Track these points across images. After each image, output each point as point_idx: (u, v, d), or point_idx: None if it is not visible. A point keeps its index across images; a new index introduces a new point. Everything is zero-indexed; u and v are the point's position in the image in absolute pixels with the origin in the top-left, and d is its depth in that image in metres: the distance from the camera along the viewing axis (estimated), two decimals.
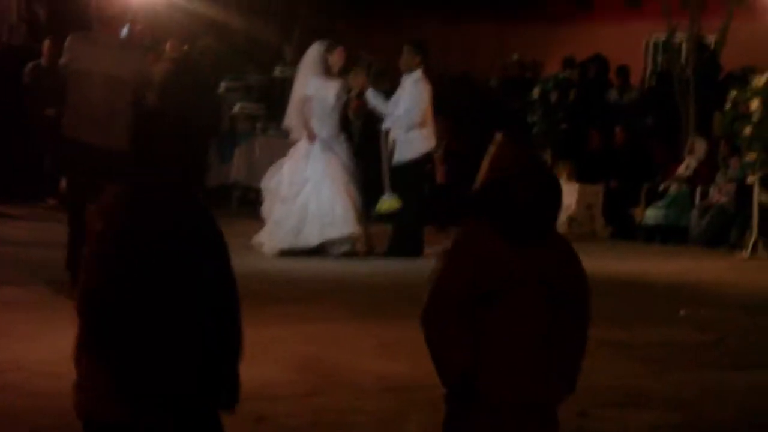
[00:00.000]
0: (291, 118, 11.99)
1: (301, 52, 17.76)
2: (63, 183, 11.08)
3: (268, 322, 7.65)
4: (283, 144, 16.22)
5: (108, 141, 8.21)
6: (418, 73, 12.05)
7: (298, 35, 18.61)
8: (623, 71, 17.28)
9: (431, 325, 3.74)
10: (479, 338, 3.73)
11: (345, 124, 12.55)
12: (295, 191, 11.34)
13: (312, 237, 11.29)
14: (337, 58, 11.81)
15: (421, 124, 11.94)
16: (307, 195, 11.32)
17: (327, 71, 11.69)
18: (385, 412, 6.04)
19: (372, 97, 12.35)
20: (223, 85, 17.27)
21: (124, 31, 11.04)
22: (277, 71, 18.16)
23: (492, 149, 3.82)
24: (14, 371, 6.40)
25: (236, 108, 17.15)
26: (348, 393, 6.34)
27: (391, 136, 12.01)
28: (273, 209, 11.50)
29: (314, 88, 11.63)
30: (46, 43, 15.30)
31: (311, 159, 11.45)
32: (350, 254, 11.46)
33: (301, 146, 11.68)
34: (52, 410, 5.75)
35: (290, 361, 6.81)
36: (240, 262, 11.50)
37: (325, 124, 11.61)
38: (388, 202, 11.87)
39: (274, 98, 18.15)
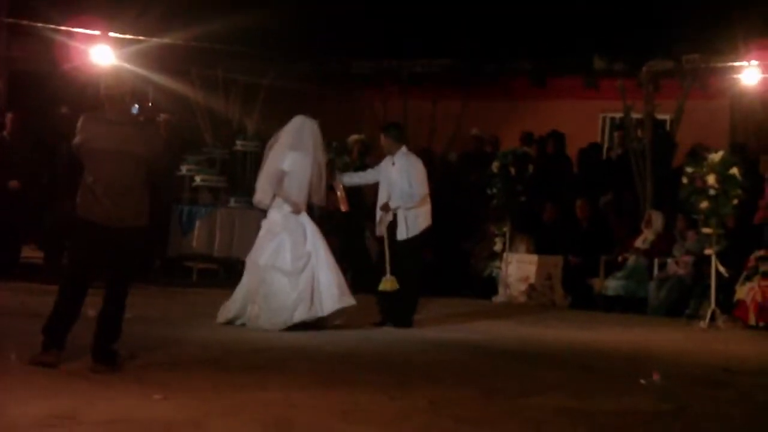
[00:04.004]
0: (264, 190, 11.76)
1: (262, 125, 17.98)
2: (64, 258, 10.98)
3: (227, 391, 7.65)
4: (244, 215, 16.37)
5: (121, 219, 8.22)
6: (404, 149, 12.32)
7: (259, 110, 18.77)
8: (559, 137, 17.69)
9: None
10: None
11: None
12: (301, 265, 11.29)
13: (327, 306, 11.31)
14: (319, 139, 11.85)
15: (427, 196, 12.24)
16: (313, 267, 11.34)
17: (306, 147, 11.68)
18: None
19: (349, 179, 12.62)
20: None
21: (135, 108, 11.02)
22: (239, 144, 18.29)
23: None
24: None
25: (198, 180, 17.23)
26: None
27: (399, 212, 12.09)
28: (272, 284, 11.34)
29: (291, 163, 11.58)
30: (9, 116, 15.37)
31: (308, 233, 11.48)
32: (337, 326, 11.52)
33: (281, 219, 11.51)
34: None
35: (249, 428, 6.80)
36: (199, 332, 11.44)
37: (301, 198, 11.65)
38: (390, 282, 12.03)
39: (236, 171, 18.29)
